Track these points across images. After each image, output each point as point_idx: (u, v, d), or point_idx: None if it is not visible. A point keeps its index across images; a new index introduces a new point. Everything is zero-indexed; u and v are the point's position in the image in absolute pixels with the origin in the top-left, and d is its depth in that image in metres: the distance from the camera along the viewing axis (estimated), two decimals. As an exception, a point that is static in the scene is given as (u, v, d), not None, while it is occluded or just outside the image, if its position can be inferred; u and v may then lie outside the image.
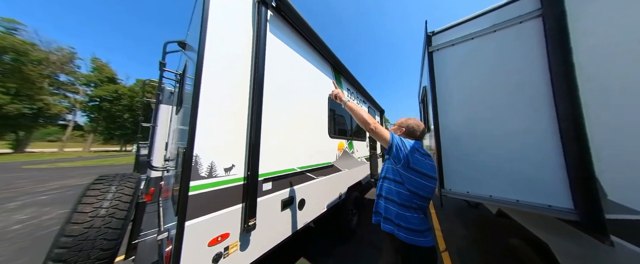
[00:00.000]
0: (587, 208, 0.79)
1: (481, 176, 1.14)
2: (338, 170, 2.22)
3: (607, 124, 0.75)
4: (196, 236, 0.80)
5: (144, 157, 2.87)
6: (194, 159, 0.81)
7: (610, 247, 0.72)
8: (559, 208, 0.89)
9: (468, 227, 2.71)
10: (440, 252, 2.09)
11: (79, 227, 0.90)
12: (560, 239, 1.00)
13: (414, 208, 0.88)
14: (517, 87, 1.05)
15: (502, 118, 1.10)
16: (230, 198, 0.95)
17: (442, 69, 1.37)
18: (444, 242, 2.30)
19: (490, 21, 1.17)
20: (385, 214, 0.98)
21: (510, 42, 1.10)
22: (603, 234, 0.73)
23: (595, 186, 0.76)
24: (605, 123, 0.76)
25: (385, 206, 0.98)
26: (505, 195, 1.05)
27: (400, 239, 0.87)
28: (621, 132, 0.72)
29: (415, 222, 0.87)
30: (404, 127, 1.05)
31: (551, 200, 0.92)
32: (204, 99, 0.86)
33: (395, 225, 0.91)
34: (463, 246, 2.20)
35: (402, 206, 0.91)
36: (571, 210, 0.86)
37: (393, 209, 0.94)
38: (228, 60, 1.00)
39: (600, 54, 0.79)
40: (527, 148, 1.00)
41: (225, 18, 1.00)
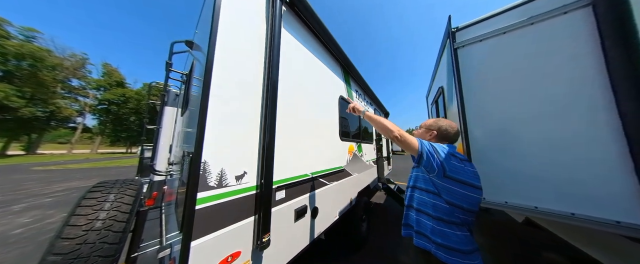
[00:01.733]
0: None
1: (523, 186, 1.00)
2: (348, 174, 2.08)
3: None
4: (203, 257, 0.68)
5: (148, 160, 2.81)
6: (202, 166, 0.69)
7: None
8: (630, 225, 0.74)
9: (481, 234, 2.51)
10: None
11: (70, 243, 0.79)
12: (618, 256, 0.84)
13: (456, 223, 0.75)
14: (565, 88, 0.92)
15: (548, 122, 0.96)
16: (241, 210, 0.83)
17: (469, 67, 1.25)
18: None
19: (525, 13, 1.05)
20: (418, 228, 0.84)
21: (554, 35, 0.97)
22: None
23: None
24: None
25: (417, 219, 0.85)
26: (556, 207, 0.90)
27: (439, 258, 0.74)
28: None
29: (457, 240, 0.73)
30: (434, 130, 0.91)
31: (616, 215, 0.77)
32: (214, 100, 0.75)
33: (433, 242, 0.77)
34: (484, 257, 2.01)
35: (439, 220, 0.77)
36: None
37: (428, 223, 0.80)
38: (240, 58, 0.90)
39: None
40: (585, 156, 0.85)
41: (237, 13, 0.91)
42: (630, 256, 0.79)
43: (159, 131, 1.63)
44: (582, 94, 0.86)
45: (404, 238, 0.89)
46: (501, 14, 1.15)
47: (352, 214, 2.09)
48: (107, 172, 9.06)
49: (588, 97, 0.84)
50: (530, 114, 1.01)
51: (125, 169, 10.56)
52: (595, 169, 0.82)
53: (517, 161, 1.03)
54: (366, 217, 2.57)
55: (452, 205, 0.76)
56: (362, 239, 2.32)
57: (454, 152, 0.82)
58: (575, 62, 0.89)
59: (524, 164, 1.00)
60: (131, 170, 9.79)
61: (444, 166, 0.76)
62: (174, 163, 1.72)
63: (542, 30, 1.00)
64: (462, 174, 0.77)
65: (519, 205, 1.00)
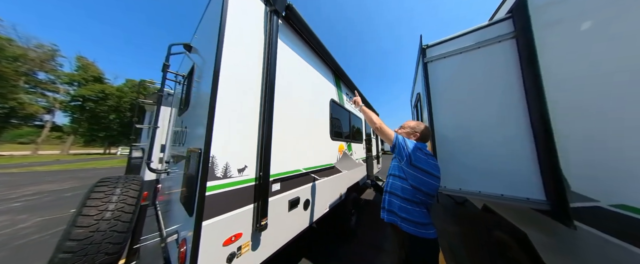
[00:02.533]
0: (556, 199, 0.93)
1: (471, 175, 1.27)
2: (338, 171, 2.29)
3: (570, 129, 0.91)
4: (212, 235, 0.83)
5: (137, 159, 2.79)
6: (210, 160, 0.85)
7: (573, 230, 0.85)
8: (535, 200, 1.03)
9: (456, 223, 2.87)
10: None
11: (84, 230, 0.89)
12: (536, 228, 1.13)
13: (416, 202, 0.97)
14: (499, 97, 1.21)
15: (487, 124, 1.25)
16: (242, 198, 0.98)
17: (435, 79, 1.52)
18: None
19: (475, 39, 1.34)
20: (389, 207, 1.06)
21: (492, 57, 1.27)
22: (568, 219, 0.87)
23: (561, 180, 0.90)
24: (568, 129, 0.91)
25: (389, 200, 1.07)
26: (492, 190, 1.18)
27: (405, 231, 0.95)
28: (580, 137, 0.87)
29: (416, 215, 0.96)
30: (418, 132, 1.14)
31: (529, 193, 1.05)
32: (221, 102, 0.91)
33: (399, 217, 0.99)
34: (454, 241, 2.33)
35: (405, 199, 0.99)
36: (544, 201, 1.00)
37: (395, 202, 1.02)
38: (242, 65, 1.07)
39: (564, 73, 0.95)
40: (508, 150, 1.14)
41: (240, 26, 1.07)
42: (537, 222, 1.08)
43: (155, 130, 1.70)
44: (511, 108, 1.15)
45: (388, 228, 1.08)
46: (459, 37, 1.44)
47: (342, 207, 2.29)
48: (85, 175, 8.41)
49: (515, 111, 1.13)
50: (475, 118, 1.29)
51: (104, 170, 9.85)
52: (517, 162, 1.11)
53: (469, 158, 1.30)
54: (355, 211, 2.79)
55: (414, 188, 0.98)
56: (351, 231, 2.54)
57: (422, 147, 1.05)
58: (507, 83, 1.18)
59: (474, 160, 1.28)
60: (112, 172, 9.17)
61: (411, 156, 0.99)
62: (169, 162, 1.80)
63: (486, 53, 1.29)
64: (425, 164, 0.99)
65: (469, 190, 1.27)
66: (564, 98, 0.92)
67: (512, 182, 1.12)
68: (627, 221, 0.66)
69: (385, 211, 1.08)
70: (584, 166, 0.84)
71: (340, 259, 2.04)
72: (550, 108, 0.96)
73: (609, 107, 0.75)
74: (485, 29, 1.31)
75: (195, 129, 1.15)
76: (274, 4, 1.23)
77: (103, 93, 27.38)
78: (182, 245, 0.87)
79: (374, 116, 1.14)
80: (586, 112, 0.83)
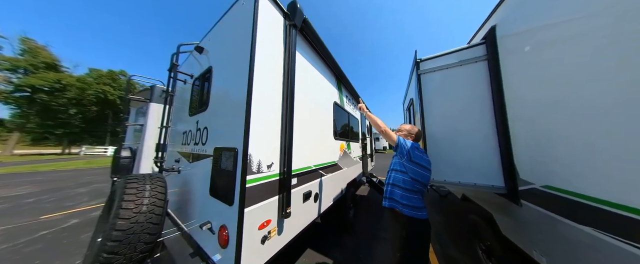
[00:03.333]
0: (510, 185, 1.27)
1: (452, 169, 1.60)
2: (340, 168, 2.52)
3: (519, 133, 1.24)
4: (251, 220, 0.99)
5: (125, 159, 2.65)
6: (248, 158, 1.00)
7: (520, 207, 1.20)
8: (497, 186, 1.37)
9: (441, 214, 3.33)
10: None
11: (126, 222, 0.98)
12: (498, 208, 1.50)
13: (415, 191, 1.23)
14: (475, 107, 1.54)
15: (466, 128, 1.58)
16: (271, 190, 1.15)
17: (426, 89, 1.83)
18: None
19: (458, 57, 1.66)
20: (390, 196, 1.31)
21: (471, 74, 1.59)
22: (518, 199, 1.21)
23: (514, 171, 1.24)
24: (518, 132, 1.25)
25: (391, 190, 1.32)
26: (468, 180, 1.52)
27: (406, 215, 1.20)
28: (524, 139, 1.20)
29: (416, 201, 1.22)
30: (413, 134, 1.42)
31: (493, 182, 1.40)
32: (255, 108, 1.06)
33: (400, 204, 1.24)
34: (438, 228, 2.74)
35: (406, 189, 1.25)
36: (503, 187, 1.34)
37: (397, 192, 1.27)
38: (268, 74, 1.21)
39: (516, 90, 1.28)
40: (481, 149, 1.48)
41: (267, 39, 1.21)
42: (498, 204, 1.44)
43: (167, 130, 1.72)
44: (484, 116, 1.48)
45: (383, 220, 1.35)
46: (445, 55, 1.75)
47: (342, 201, 2.54)
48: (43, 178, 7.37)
49: (489, 118, 1.46)
50: (457, 122, 1.62)
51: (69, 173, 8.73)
52: (487, 158, 1.44)
53: (452, 155, 1.63)
54: (353, 205, 3.07)
55: (413, 180, 1.24)
56: (350, 223, 2.81)
57: (417, 147, 1.31)
58: (481, 96, 1.51)
59: (455, 157, 1.61)
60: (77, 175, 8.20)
61: (410, 154, 1.25)
62: (178, 160, 1.84)
63: (466, 70, 1.62)
64: (421, 160, 1.25)
65: (451, 181, 1.60)
66: (516, 109, 1.26)
67: (482, 174, 1.46)
68: (550, 196, 0.99)
69: (387, 199, 1.33)
70: (528, 161, 1.18)
71: (341, 247, 2.29)
72: (509, 116, 1.30)
73: (539, 117, 1.08)
74: (466, 50, 1.63)
75: (222, 130, 1.26)
76: (293, 19, 1.38)
77: (60, 83, 23.74)
78: (223, 230, 1.01)
79: (379, 121, 1.36)
80: (526, 121, 1.17)
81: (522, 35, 1.20)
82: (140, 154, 2.58)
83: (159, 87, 2.82)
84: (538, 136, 1.10)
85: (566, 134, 0.92)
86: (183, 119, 1.97)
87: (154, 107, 2.72)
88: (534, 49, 1.12)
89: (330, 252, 2.18)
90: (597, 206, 0.77)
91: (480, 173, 1.46)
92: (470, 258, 1.96)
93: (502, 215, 1.45)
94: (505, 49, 1.35)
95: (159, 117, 2.72)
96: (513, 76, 1.29)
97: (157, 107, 2.71)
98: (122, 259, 0.94)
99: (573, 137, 0.89)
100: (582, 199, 0.83)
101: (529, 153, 1.17)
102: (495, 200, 1.49)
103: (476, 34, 1.77)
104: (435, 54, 1.80)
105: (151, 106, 2.71)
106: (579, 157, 0.86)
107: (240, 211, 0.93)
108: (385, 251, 2.17)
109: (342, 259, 2.06)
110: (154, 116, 2.68)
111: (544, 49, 1.05)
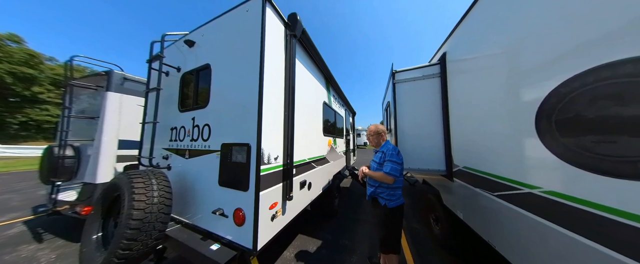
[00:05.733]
0: (448, 168, 1.89)
1: (415, 159, 2.18)
2: (328, 161, 2.91)
3: (454, 130, 1.85)
4: (264, 201, 1.26)
5: (69, 159, 2.25)
6: (261, 151, 1.24)
7: (453, 183, 1.82)
8: (441, 170, 1.99)
9: (409, 198, 4.16)
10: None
11: (140, 212, 1.10)
12: (441, 185, 2.15)
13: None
14: (431, 110, 2.12)
15: (425, 127, 2.16)
16: (277, 178, 1.42)
17: (401, 97, 2.35)
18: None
19: (422, 72, 2.20)
20: (375, 189, 1.71)
21: (430, 86, 2.15)
22: (452, 178, 1.83)
23: (451, 158, 1.85)
24: (454, 130, 1.85)
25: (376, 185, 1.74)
26: (425, 167, 2.11)
27: (384, 204, 1.57)
28: (457, 134, 1.81)
29: (395, 191, 1.59)
30: (383, 133, 1.68)
31: (439, 166, 2.01)
32: (265, 109, 1.29)
33: (380, 195, 1.59)
34: (406, 210, 3.48)
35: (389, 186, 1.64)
36: (444, 170, 1.96)
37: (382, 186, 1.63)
38: (273, 78, 1.44)
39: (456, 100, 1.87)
40: (433, 143, 2.07)
41: (272, 47, 1.42)
42: (442, 182, 2.09)
43: (155, 126, 1.68)
44: (437, 118, 2.06)
45: (362, 207, 1.75)
46: (413, 70, 2.27)
47: (329, 190, 2.95)
48: None
49: (438, 120, 2.05)
50: (419, 122, 2.19)
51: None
52: (437, 150, 2.04)
53: (417, 148, 2.21)
54: (338, 195, 3.54)
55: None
56: (335, 210, 3.27)
57: (393, 149, 1.64)
58: (435, 99, 2.09)
59: (418, 149, 2.19)
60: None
61: (402, 164, 1.53)
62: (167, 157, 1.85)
63: (428, 83, 2.17)
64: (399, 159, 1.58)
65: (413, 167, 2.19)
66: (454, 114, 1.85)
67: (433, 161, 2.07)
68: (467, 173, 1.59)
69: (371, 193, 1.69)
70: (458, 150, 1.79)
71: (328, 230, 2.72)
72: (451, 118, 1.90)
73: (463, 120, 1.67)
74: (427, 67, 2.18)
75: (230, 127, 1.43)
76: (294, 30, 1.61)
77: None
78: (239, 212, 1.24)
79: (377, 174, 1.47)
80: (458, 121, 1.78)
81: (460, 62, 1.77)
82: (97, 152, 2.30)
83: (118, 73, 2.52)
84: (462, 132, 1.72)
85: (473, 132, 1.52)
86: (170, 114, 1.92)
87: (113, 97, 2.42)
88: (461, 73, 1.70)
89: (319, 234, 2.58)
90: (483, 176, 1.35)
91: (432, 161, 2.07)
92: (426, 226, 2.67)
93: (444, 191, 2.10)
94: (450, 70, 1.93)
95: (119, 109, 2.44)
96: (453, 91, 1.88)
97: (116, 97, 2.44)
98: (139, 246, 1.08)
99: (475, 135, 1.48)
100: (478, 173, 1.41)
101: (459, 144, 1.78)
102: (441, 181, 2.13)
103: (436, 54, 2.36)
104: (406, 68, 2.32)
105: (108, 95, 2.40)
106: (478, 147, 1.44)
107: (257, 194, 1.19)
108: (366, 230, 2.71)
109: (330, 238, 2.48)
110: (112, 106, 2.40)
111: (465, 73, 1.62)
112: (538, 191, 0.91)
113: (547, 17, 0.88)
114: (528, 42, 0.98)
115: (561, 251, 0.82)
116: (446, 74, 1.97)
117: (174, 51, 1.98)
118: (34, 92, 17.32)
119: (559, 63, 0.82)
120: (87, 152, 2.38)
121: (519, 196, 1.03)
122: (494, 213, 1.24)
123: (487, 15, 1.33)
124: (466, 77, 1.66)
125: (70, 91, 2.40)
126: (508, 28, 1.13)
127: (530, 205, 0.96)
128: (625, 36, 0.62)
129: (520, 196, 1.02)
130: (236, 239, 1.25)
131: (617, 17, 0.64)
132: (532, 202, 0.94)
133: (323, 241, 2.40)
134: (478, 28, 1.46)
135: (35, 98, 17.61)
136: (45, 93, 18.03)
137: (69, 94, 2.38)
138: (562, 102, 0.79)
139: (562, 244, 0.81)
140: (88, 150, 2.37)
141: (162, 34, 1.85)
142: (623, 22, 0.63)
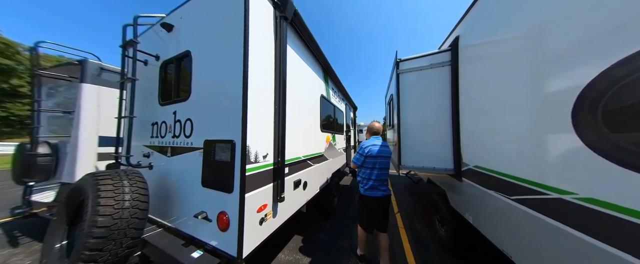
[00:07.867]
0: (456, 167, 1.75)
1: (419, 156, 2.05)
2: (326, 159, 2.79)
3: (465, 129, 1.69)
4: (251, 204, 1.14)
5: (44, 158, 2.11)
6: (247, 149, 1.11)
7: (461, 183, 1.68)
8: (449, 169, 1.85)
9: (412, 197, 4.07)
10: (395, 213, 3.17)
11: (107, 218, 0.99)
12: (448, 185, 2.02)
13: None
14: (439, 103, 1.95)
15: (431, 121, 2.00)
16: (266, 177, 1.30)
17: (405, 88, 2.18)
18: (397, 207, 3.44)
19: (428, 61, 2.01)
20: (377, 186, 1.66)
21: (439, 76, 1.97)
22: (461, 177, 1.69)
23: (460, 157, 1.71)
24: (465, 126, 1.69)
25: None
26: (430, 165, 1.97)
27: (380, 196, 1.56)
28: (469, 133, 1.65)
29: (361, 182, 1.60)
30: (367, 132, 1.81)
31: (447, 165, 1.87)
32: (251, 101, 1.14)
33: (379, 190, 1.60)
34: (409, 209, 3.40)
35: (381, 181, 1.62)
36: (452, 169, 1.83)
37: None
38: (260, 67, 1.28)
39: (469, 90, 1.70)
40: (440, 139, 1.92)
41: (258, 29, 1.25)
42: (449, 182, 1.96)
43: (131, 121, 1.56)
44: (446, 112, 1.89)
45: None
46: (419, 58, 2.08)
47: (328, 189, 2.85)
48: None
49: (447, 114, 1.88)
50: (424, 116, 2.03)
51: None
52: (444, 147, 1.90)
53: (420, 145, 2.06)
54: (337, 193, 3.45)
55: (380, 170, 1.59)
56: (334, 209, 3.19)
57: (364, 144, 1.66)
58: (444, 90, 1.92)
59: (423, 147, 2.05)
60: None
61: (362, 154, 1.61)
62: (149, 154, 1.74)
63: (435, 73, 1.99)
64: (362, 151, 1.60)
65: (417, 166, 2.05)
66: (466, 105, 1.69)
67: (440, 160, 1.93)
68: (479, 173, 1.45)
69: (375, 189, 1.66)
70: (468, 147, 1.65)
71: (326, 230, 2.64)
72: (461, 111, 1.74)
73: (478, 111, 1.51)
74: (436, 55, 1.99)
75: (213, 122, 1.29)
76: (284, 10, 1.43)
77: None
78: (222, 216, 1.13)
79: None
80: (469, 114, 1.62)
81: (475, 47, 1.59)
82: (74, 150, 2.17)
83: (93, 63, 2.34)
84: (474, 127, 1.57)
85: (487, 126, 1.36)
86: (150, 107, 1.79)
87: (88, 89, 2.26)
88: (476, 59, 1.52)
89: (317, 234, 2.51)
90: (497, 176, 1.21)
91: (439, 160, 1.93)
92: (430, 228, 2.58)
93: (451, 191, 1.97)
94: (462, 58, 1.75)
95: (97, 102, 2.29)
96: (465, 80, 1.71)
97: (93, 90, 2.28)
98: (108, 256, 0.98)
99: (490, 130, 1.33)
100: (493, 173, 1.27)
101: (469, 142, 1.63)
102: (448, 180, 2.00)
103: (446, 40, 2.15)
104: (412, 56, 2.13)
105: (83, 87, 2.24)
106: (493, 143, 1.30)
107: (241, 196, 1.07)
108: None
109: (328, 240, 2.40)
110: (89, 99, 2.25)
111: (482, 60, 1.45)
112: (571, 197, 0.78)
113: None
114: (567, 14, 0.81)
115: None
116: (458, 62, 1.78)
117: (152, 37, 1.81)
118: (13, 85, 16.74)
119: (617, 35, 0.65)
120: (65, 150, 2.27)
121: (544, 201, 0.90)
122: (510, 219, 1.12)
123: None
124: (482, 63, 1.48)
125: (38, 82, 2.23)
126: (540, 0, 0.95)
127: (559, 213, 0.83)
128: None
129: (545, 202, 0.89)
130: (220, 245, 1.15)
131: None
132: (562, 210, 0.81)
133: (320, 243, 2.33)
134: (500, 4, 1.27)
135: (15, 92, 16.80)
136: (25, 86, 17.09)
137: (36, 86, 2.22)
138: (615, 87, 0.63)
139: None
140: (67, 147, 2.26)
141: (133, 15, 1.67)
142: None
